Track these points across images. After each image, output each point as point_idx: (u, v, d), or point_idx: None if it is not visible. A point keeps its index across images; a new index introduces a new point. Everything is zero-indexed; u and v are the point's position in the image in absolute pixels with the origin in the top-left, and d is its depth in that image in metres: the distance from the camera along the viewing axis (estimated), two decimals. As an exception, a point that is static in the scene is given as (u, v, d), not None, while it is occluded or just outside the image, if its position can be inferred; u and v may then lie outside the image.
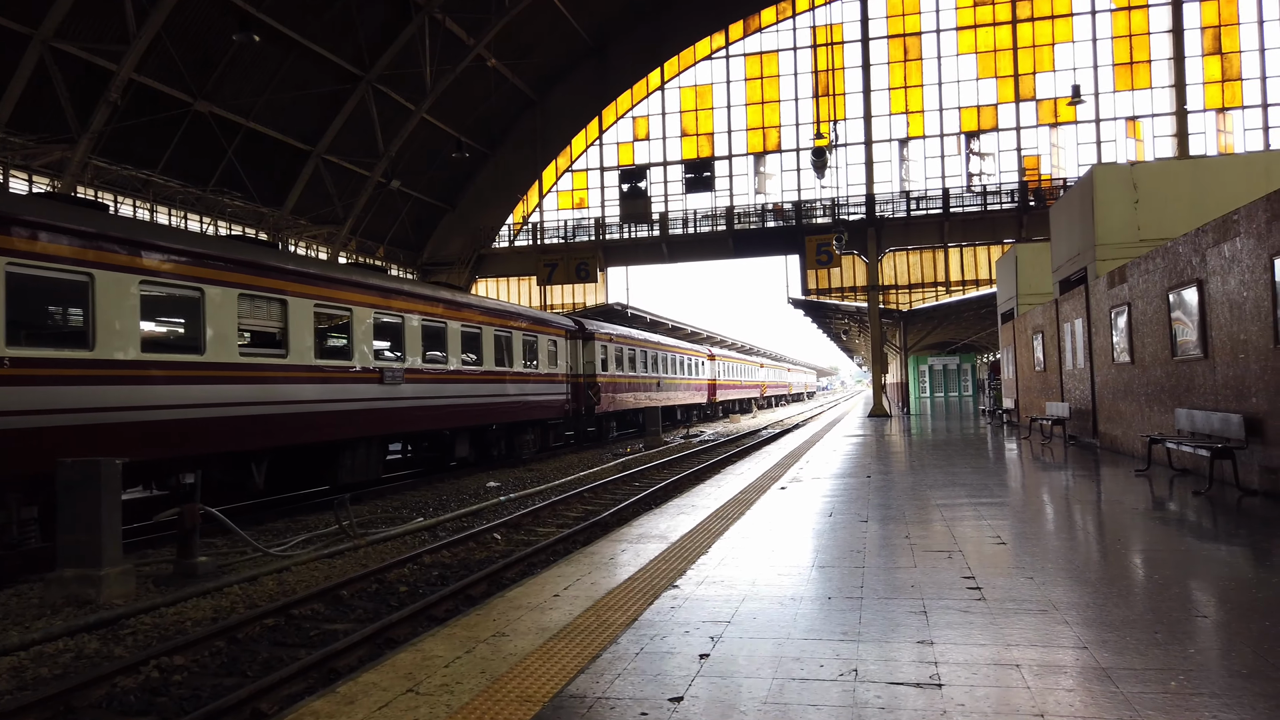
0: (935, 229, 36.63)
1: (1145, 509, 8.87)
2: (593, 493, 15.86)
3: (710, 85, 39.59)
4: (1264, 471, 8.96)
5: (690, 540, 7.86)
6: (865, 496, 10.42)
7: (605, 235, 40.43)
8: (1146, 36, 35.10)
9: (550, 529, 12.28)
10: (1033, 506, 9.22)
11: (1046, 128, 36.19)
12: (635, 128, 40.64)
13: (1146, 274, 12.50)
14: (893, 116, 37.63)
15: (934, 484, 11.49)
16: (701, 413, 48.91)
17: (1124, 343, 13.70)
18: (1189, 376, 10.99)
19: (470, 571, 9.31)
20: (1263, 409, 8.86)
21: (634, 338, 33.07)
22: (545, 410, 23.87)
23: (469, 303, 19.60)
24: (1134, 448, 13.57)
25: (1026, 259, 24.30)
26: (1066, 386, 18.02)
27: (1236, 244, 9.31)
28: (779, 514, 9.25)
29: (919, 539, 7.49)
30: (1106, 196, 15.89)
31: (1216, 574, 5.85)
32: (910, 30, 37.48)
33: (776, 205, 38.71)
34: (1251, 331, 9.03)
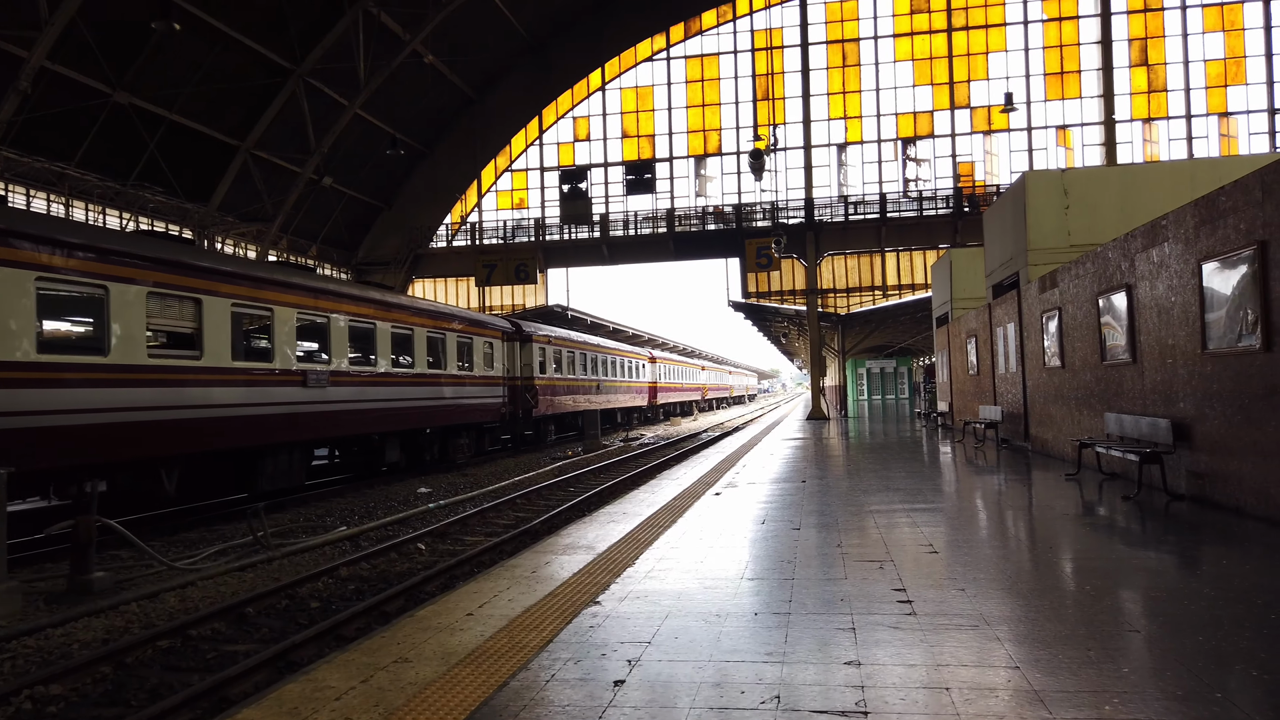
0: (873, 233, 36.99)
1: (1076, 514, 8.84)
2: (526, 499, 15.47)
3: (651, 87, 39.44)
4: (1191, 476, 9.00)
5: (618, 551, 7.56)
6: (799, 502, 10.24)
7: (545, 236, 39.97)
8: (1076, 47, 35.92)
9: (478, 538, 11.87)
10: (965, 512, 9.13)
11: (980, 135, 36.81)
12: (576, 128, 40.29)
13: (1077, 279, 12.59)
14: (831, 121, 37.91)
15: (868, 489, 11.38)
16: (642, 415, 48.71)
17: (1055, 347, 13.80)
18: (1118, 381, 11.06)
19: (389, 585, 8.88)
20: (1190, 414, 8.90)
21: (573, 340, 32.70)
22: (481, 413, 23.37)
23: (400, 303, 19.04)
24: (1065, 451, 13.67)
25: (961, 264, 24.56)
26: (999, 390, 18.18)
27: (1165, 249, 9.35)
28: (711, 522, 9.01)
29: (851, 547, 7.30)
30: (1038, 202, 16.05)
31: (1147, 584, 5.75)
32: (849, 36, 37.79)
33: (717, 208, 38.70)
34: (1179, 336, 9.07)
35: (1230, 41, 34.35)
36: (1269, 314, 7.26)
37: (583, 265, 40.21)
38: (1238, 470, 7.99)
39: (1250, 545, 6.91)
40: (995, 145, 36.75)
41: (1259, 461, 7.59)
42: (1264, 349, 7.34)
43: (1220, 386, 8.20)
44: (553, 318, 40.30)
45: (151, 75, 28.22)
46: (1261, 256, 7.31)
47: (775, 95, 38.44)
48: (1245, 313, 7.63)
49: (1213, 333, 8.29)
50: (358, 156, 37.99)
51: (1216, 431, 8.35)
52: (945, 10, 36.95)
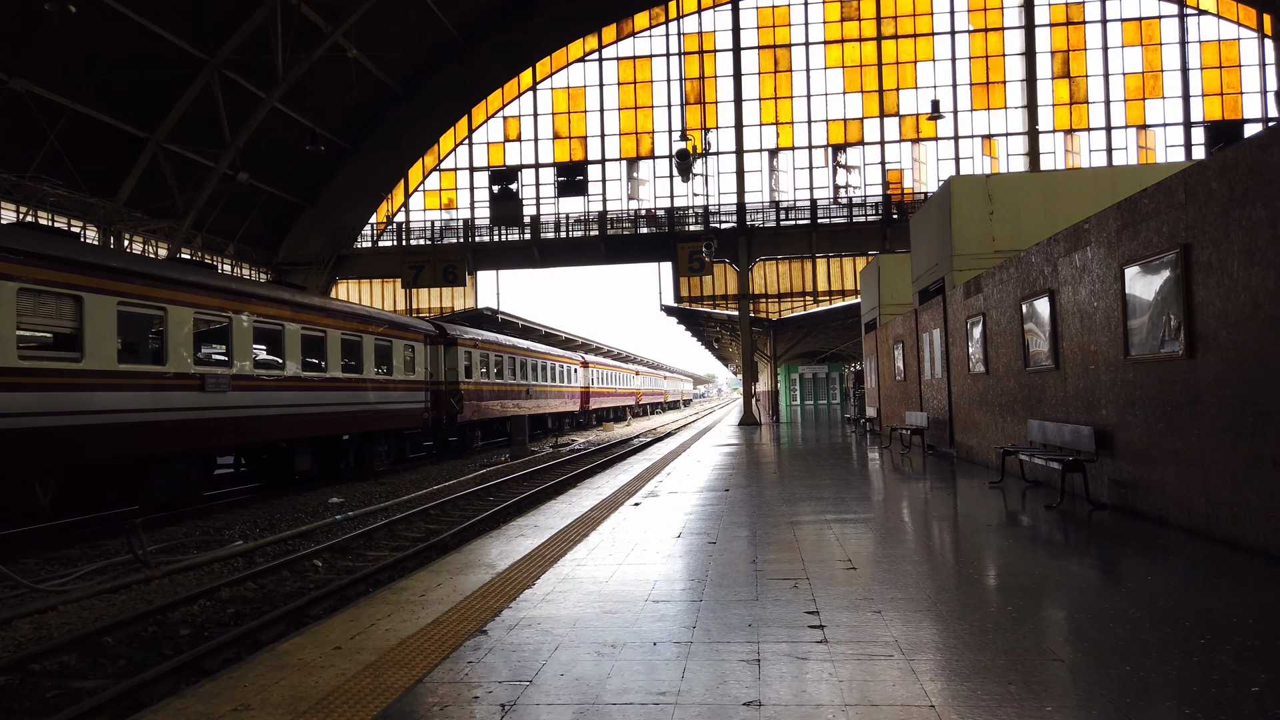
0: (804, 239, 37.01)
1: (999, 525, 8.58)
2: (440, 510, 14.78)
3: (583, 88, 38.90)
4: (1113, 485, 8.83)
5: (520, 570, 7.02)
6: (720, 514, 9.82)
7: (475, 238, 39.09)
8: (1002, 58, 36.53)
9: (382, 553, 11.18)
10: (889, 524, 8.81)
11: (909, 143, 37.15)
12: (506, 128, 39.51)
13: (1001, 284, 12.46)
14: (763, 127, 37.86)
15: (793, 498, 11.03)
16: (574, 421, 48.09)
17: (979, 353, 13.68)
18: (1041, 388, 10.91)
19: (274, 607, 8.17)
20: (1112, 421, 8.72)
21: (501, 343, 31.96)
22: (401, 419, 22.53)
23: (312, 304, 18.15)
24: (989, 458, 13.55)
25: (888, 270, 24.58)
26: (925, 396, 18.11)
27: (1087, 253, 9.18)
28: (624, 536, 8.52)
29: (767, 563, 6.88)
30: (963, 207, 15.98)
31: (1071, 603, 5.43)
32: (780, 42, 37.80)
33: (650, 211, 38.34)
34: (1102, 342, 8.90)
35: (1148, 56, 35.32)
36: (1192, 320, 7.07)
37: (513, 268, 39.41)
38: (1160, 479, 7.81)
39: (1173, 558, 6.68)
40: (923, 154, 37.14)
41: (1181, 471, 7.40)
42: (1186, 355, 7.15)
43: (1143, 394, 8.02)
44: (482, 321, 39.44)
45: (52, 62, 26.66)
46: (1184, 260, 7.12)
47: (707, 99, 38.26)
48: (1168, 318, 7.44)
49: (1135, 339, 8.11)
50: (279, 153, 36.63)
51: (1139, 440, 8.17)
52: (875, 18, 37.24)
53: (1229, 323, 6.58)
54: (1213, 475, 6.91)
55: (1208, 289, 6.84)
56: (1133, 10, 35.52)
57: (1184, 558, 6.65)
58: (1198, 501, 7.17)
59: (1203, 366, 6.97)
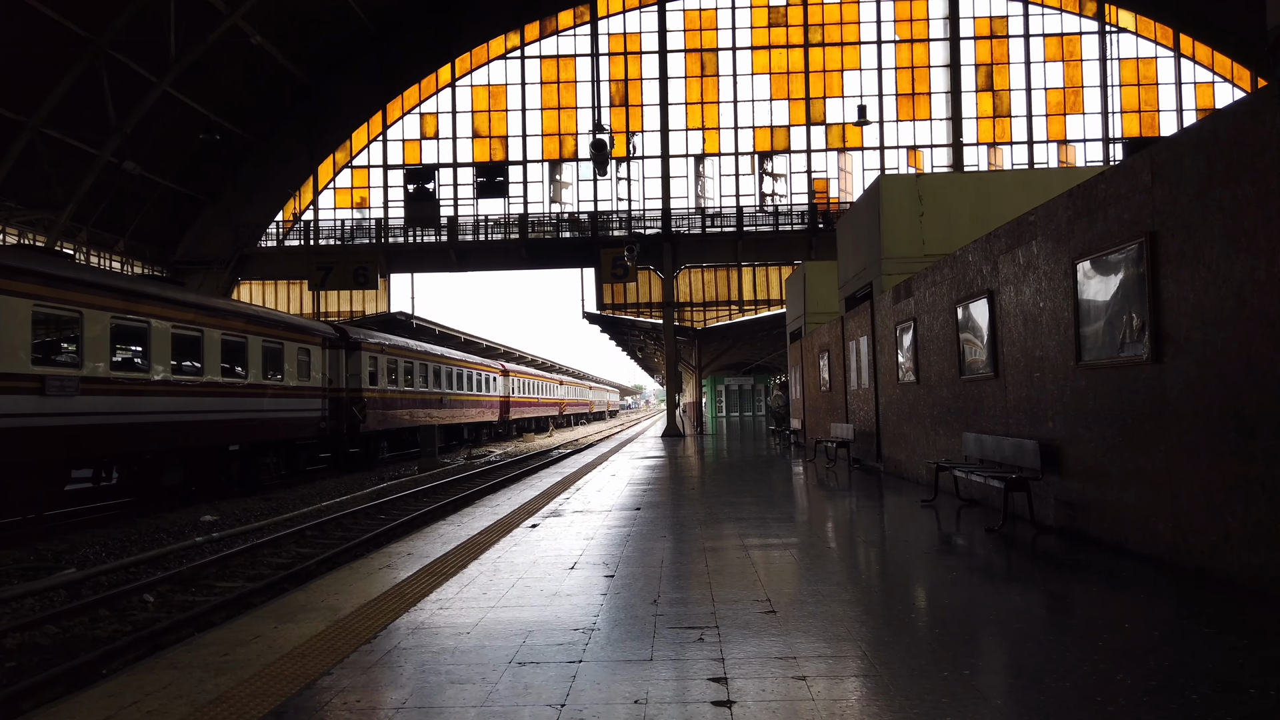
0: (730, 247, 36.20)
1: (934, 551, 7.58)
2: (319, 531, 13.23)
3: (505, 86, 37.45)
4: (1061, 506, 7.91)
5: (364, 617, 5.69)
6: (627, 537, 8.62)
7: (388, 239, 37.22)
8: (927, 70, 36.41)
9: (237, 583, 9.65)
10: (813, 550, 7.72)
11: (835, 152, 36.74)
12: (423, 125, 37.77)
13: (933, 286, 11.59)
14: (689, 131, 37.00)
15: (710, 517, 9.89)
16: (493, 432, 46.43)
17: (910, 361, 12.80)
18: (978, 397, 10.01)
19: (63, 660, 6.64)
20: (1061, 435, 7.80)
21: (412, 349, 30.28)
22: (294, 429, 20.79)
23: (186, 300, 16.39)
24: (918, 473, 12.67)
25: (815, 277, 23.82)
26: (851, 407, 17.25)
27: (1032, 248, 8.28)
28: (509, 567, 7.24)
29: (670, 606, 5.69)
30: (893, 208, 15.17)
31: (1016, 651, 4.36)
32: (707, 46, 37.04)
33: (573, 215, 37.07)
34: (1049, 347, 7.99)
35: (1069, 71, 35.59)
36: (1159, 319, 6.15)
37: (429, 271, 37.65)
38: (1118, 501, 6.88)
39: (1137, 591, 5.72)
40: (849, 163, 36.77)
41: (1144, 492, 6.47)
42: (1152, 360, 6.22)
43: (1098, 404, 7.09)
44: (396, 326, 37.60)
45: (-89, 33, 24.20)
46: (1150, 250, 6.20)
47: (632, 102, 37.24)
48: (1129, 318, 6.52)
49: (1089, 343, 7.20)
50: (175, 144, 34.24)
51: (1092, 455, 7.24)
52: (802, 25, 36.77)
53: (1205, 321, 5.65)
54: (1184, 498, 5.98)
55: (1179, 283, 5.91)
56: (1054, 26, 35.79)
57: (1148, 591, 5.69)
58: (1164, 527, 6.24)
59: (1172, 372, 6.05)
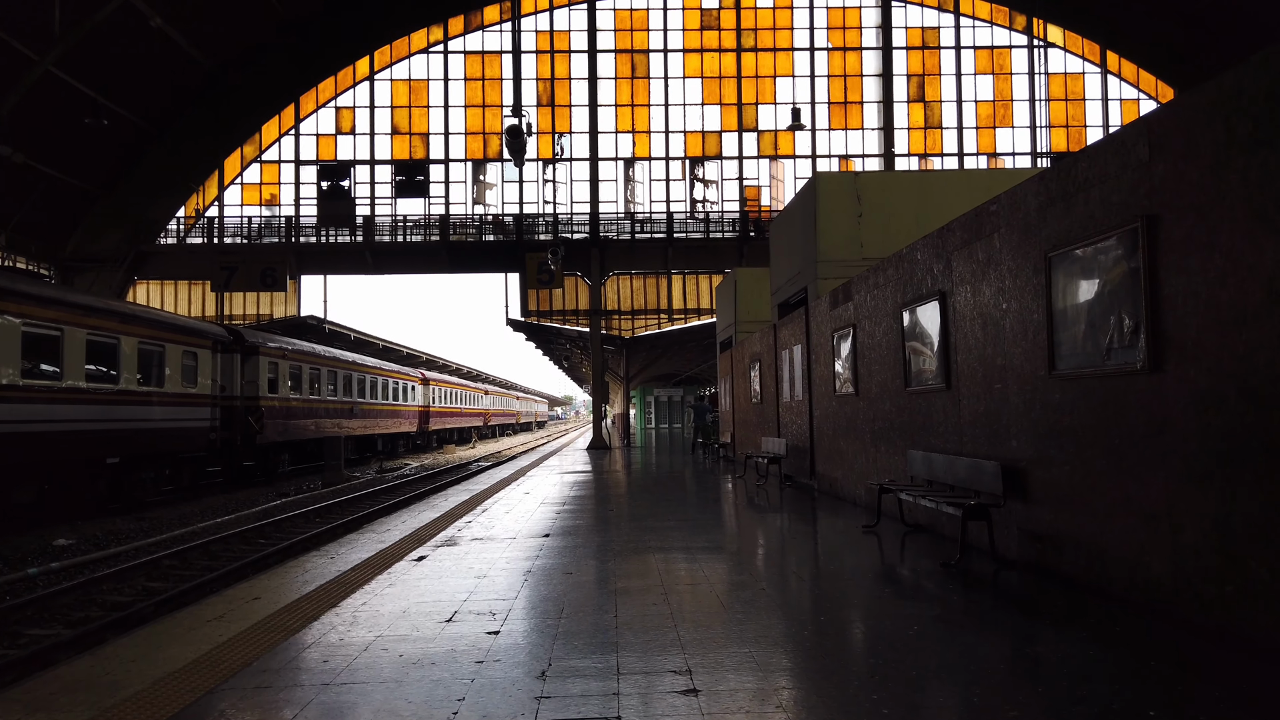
0: (659, 254, 35.16)
1: (885, 593, 6.46)
2: (181, 560, 11.56)
3: (426, 81, 35.77)
4: (1026, 538, 6.88)
5: (177, 683, 4.28)
6: (527, 575, 7.32)
7: (299, 238, 35.13)
8: (860, 78, 36.00)
9: (52, 630, 8.02)
10: (743, 595, 6.52)
11: (767, 160, 36.03)
12: (339, 119, 35.82)
13: (876, 289, 10.58)
14: (619, 134, 35.86)
15: (629, 547, 8.65)
16: (411, 443, 44.48)
17: (848, 371, 11.79)
18: (926, 412, 8.99)
19: None
20: (1027, 455, 6.78)
21: (318, 354, 28.38)
22: (177, 440, 18.89)
23: (41, 294, 14.50)
24: (856, 492, 11.65)
25: (746, 283, 22.87)
26: (784, 421, 16.22)
27: (995, 242, 7.27)
28: (371, 619, 5.86)
29: (562, 680, 4.42)
30: (829, 208, 14.22)
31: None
32: (638, 47, 36.01)
33: (496, 217, 35.54)
34: (1013, 355, 6.97)
35: (999, 85, 35.56)
36: (1159, 319, 5.14)
37: (343, 273, 35.68)
38: (1100, 536, 5.85)
39: (1137, 648, 4.65)
40: (781, 171, 36.10)
41: (1135, 526, 5.44)
42: (1149, 369, 5.20)
43: (1075, 420, 6.07)
44: (306, 331, 35.53)
45: None
46: (1148, 238, 5.19)
47: (561, 102, 35.96)
48: (1118, 319, 5.50)
49: (1065, 349, 6.18)
50: (65, 132, 31.68)
51: (1067, 481, 6.21)
52: (735, 29, 36.03)
53: (1222, 321, 4.64)
54: (1189, 535, 4.96)
55: (1186, 275, 4.90)
56: (985, 39, 35.75)
57: (1144, 650, 4.63)
58: (1161, 570, 5.21)
59: (1175, 383, 5.03)
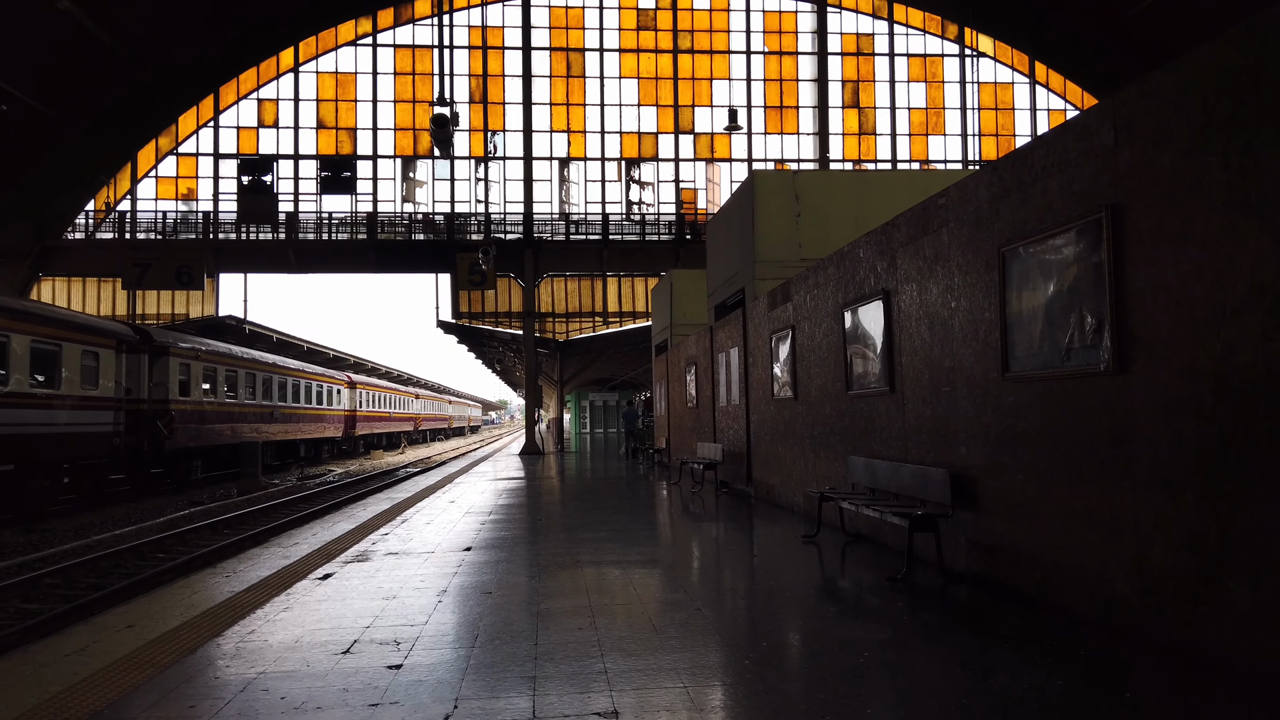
0: (595, 256, 34.59)
1: (825, 614, 5.99)
2: (64, 578, 10.56)
3: (354, 74, 34.60)
4: (976, 550, 6.49)
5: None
6: (442, 595, 6.67)
7: (218, 234, 33.61)
8: (795, 83, 35.99)
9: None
10: (678, 617, 5.99)
11: (703, 162, 35.78)
12: (261, 112, 34.42)
13: (816, 289, 10.19)
14: (554, 133, 35.20)
15: (556, 561, 8.06)
16: (337, 449, 43.06)
17: (787, 374, 11.39)
18: (868, 416, 8.61)
19: None
20: (977, 463, 6.40)
21: (235, 356, 27.10)
22: (76, 446, 17.64)
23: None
24: (794, 499, 11.25)
25: (683, 285, 22.46)
26: (720, 426, 15.80)
27: (943, 237, 6.89)
28: (257, 651, 5.17)
29: (471, 714, 3.83)
30: (768, 207, 13.84)
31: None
32: (574, 45, 35.43)
33: (427, 216, 34.53)
34: (963, 356, 6.59)
35: (931, 93, 35.91)
36: (1125, 317, 4.77)
37: (264, 271, 34.23)
38: (1057, 549, 5.48)
39: (1110, 677, 4.24)
40: (718, 174, 35.89)
41: (1096, 540, 5.07)
42: (1114, 370, 4.83)
43: (1030, 425, 5.70)
44: (225, 331, 34.01)
45: None
46: (1113, 229, 4.83)
47: (494, 99, 35.16)
48: (1080, 317, 5.13)
49: (1020, 349, 5.81)
50: (-38, 117, 29.80)
51: (1021, 490, 5.84)
52: (671, 30, 35.70)
53: (1197, 318, 4.28)
54: (1157, 550, 4.59)
55: (1157, 268, 4.54)
56: (918, 46, 36.07)
57: (1112, 675, 4.23)
58: (1125, 588, 4.84)
59: (1142, 385, 4.66)
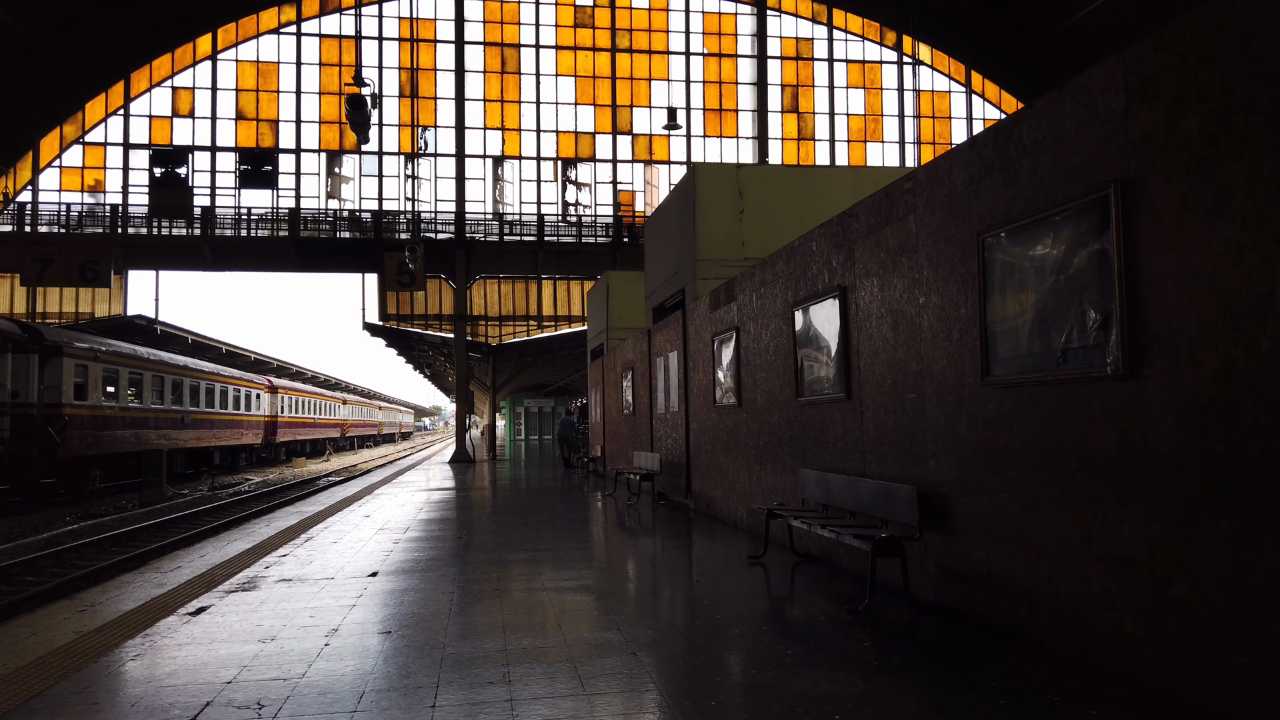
0: (529, 258, 33.52)
1: (782, 658, 5.15)
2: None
3: (277, 64, 32.99)
4: (947, 577, 5.75)
5: None
6: (331, 636, 5.67)
7: (127, 229, 31.65)
8: (735, 86, 35.53)
9: None
10: (608, 664, 5.10)
11: (642, 164, 35.05)
12: (176, 100, 32.54)
13: (763, 286, 9.43)
14: (488, 131, 34.07)
15: (471, 592, 7.08)
16: (256, 456, 41.12)
17: (730, 380, 10.61)
18: (821, 425, 7.86)
19: None
20: (949, 479, 5.66)
21: (140, 357, 25.38)
22: (-51, 456, 16.00)
23: None
24: (737, 513, 10.47)
25: (620, 288, 21.63)
26: (658, 434, 14.97)
27: (910, 225, 6.16)
28: (94, 703, 4.13)
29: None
30: (710, 202, 13.09)
31: None
32: (509, 40, 34.37)
33: (353, 213, 33.07)
34: (934, 359, 5.86)
35: (870, 99, 35.79)
36: (1139, 310, 4.05)
37: (178, 269, 32.33)
38: (1049, 582, 4.75)
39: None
40: (656, 176, 35.20)
41: (1105, 572, 4.34)
42: (1124, 374, 4.11)
43: (1017, 438, 4.97)
44: (134, 332, 32.07)
45: None
46: (1124, 206, 4.11)
47: (425, 94, 33.89)
48: (1080, 312, 4.41)
49: (1004, 350, 5.08)
50: None
51: (1003, 510, 5.11)
52: (610, 28, 34.92)
53: (1235, 310, 3.57)
54: (1179, 587, 3.87)
55: (1182, 251, 3.82)
56: (857, 52, 35.92)
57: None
58: (1137, 629, 4.12)
59: (1162, 392, 3.94)
